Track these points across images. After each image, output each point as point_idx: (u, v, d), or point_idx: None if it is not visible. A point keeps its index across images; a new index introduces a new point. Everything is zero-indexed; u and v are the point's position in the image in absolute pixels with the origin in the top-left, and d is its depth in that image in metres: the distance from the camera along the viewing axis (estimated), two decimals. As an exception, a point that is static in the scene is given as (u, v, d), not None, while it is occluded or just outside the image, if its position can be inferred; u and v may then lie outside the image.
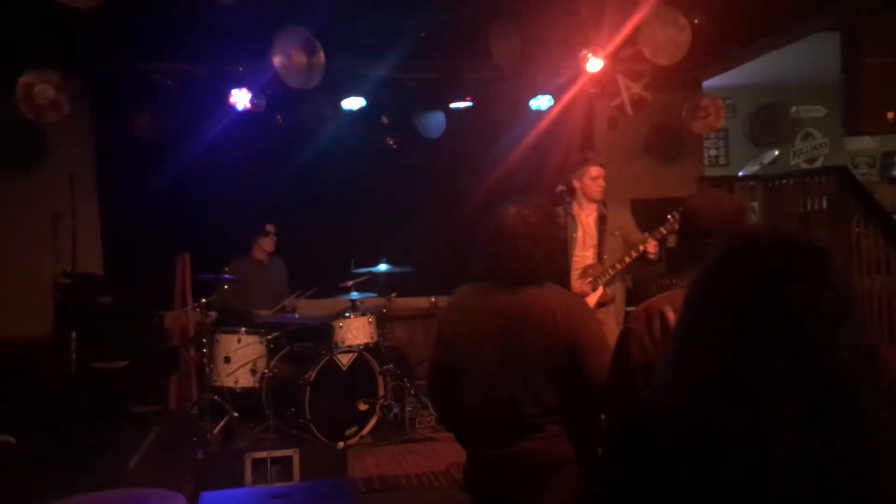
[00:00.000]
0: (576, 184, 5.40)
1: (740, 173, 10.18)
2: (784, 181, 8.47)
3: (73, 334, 6.03)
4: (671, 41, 5.87)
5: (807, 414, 1.03)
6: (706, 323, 1.13)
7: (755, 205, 8.69)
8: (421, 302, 7.94)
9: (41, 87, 6.23)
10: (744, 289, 1.10)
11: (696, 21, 5.95)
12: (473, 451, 2.60)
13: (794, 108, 11.25)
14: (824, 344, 1.05)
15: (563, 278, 3.06)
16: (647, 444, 1.13)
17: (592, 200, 5.39)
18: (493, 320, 2.49)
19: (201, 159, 7.20)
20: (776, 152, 10.70)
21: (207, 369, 6.16)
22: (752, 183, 8.82)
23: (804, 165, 11.01)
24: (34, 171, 7.37)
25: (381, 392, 6.20)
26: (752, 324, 1.07)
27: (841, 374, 1.05)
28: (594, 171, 5.33)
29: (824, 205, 7.74)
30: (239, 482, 3.97)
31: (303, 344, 6.41)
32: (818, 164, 11.01)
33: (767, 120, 11.13)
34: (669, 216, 5.00)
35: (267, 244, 7.01)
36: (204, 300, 6.26)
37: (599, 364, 2.33)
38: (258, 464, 4.08)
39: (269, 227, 7.01)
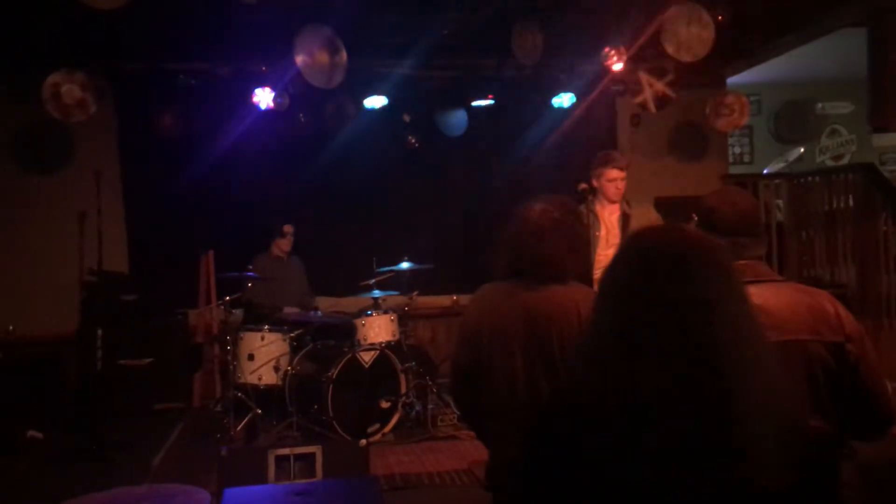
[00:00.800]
0: (595, 183, 5.37)
1: (765, 171, 10.09)
2: (809, 179, 8.38)
3: (99, 332, 6.08)
4: (695, 38, 5.83)
5: (680, 385, 1.26)
6: (611, 308, 1.39)
7: (780, 203, 8.61)
8: (443, 300, 7.95)
9: (68, 87, 6.30)
10: (632, 285, 1.38)
11: (721, 17, 5.90)
12: (496, 450, 2.59)
13: (819, 105, 11.12)
14: (697, 322, 1.30)
15: (586, 276, 3.03)
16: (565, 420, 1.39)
17: (610, 202, 5.35)
18: (518, 319, 2.48)
19: (225, 158, 7.26)
20: (801, 149, 10.59)
21: (231, 367, 6.20)
22: (777, 181, 8.74)
23: (830, 163, 10.89)
24: (61, 169, 7.46)
25: (404, 390, 6.20)
26: (642, 309, 1.33)
27: (713, 351, 1.28)
28: (612, 173, 5.28)
29: (850, 202, 7.65)
30: (262, 479, 3.98)
31: (325, 342, 6.43)
32: (844, 161, 10.88)
33: (793, 117, 11.01)
34: (693, 216, 4.95)
35: (284, 244, 7.02)
36: (228, 298, 6.30)
37: None
38: (281, 461, 4.09)
39: (287, 228, 7.00)
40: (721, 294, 1.35)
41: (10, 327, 7.17)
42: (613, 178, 5.28)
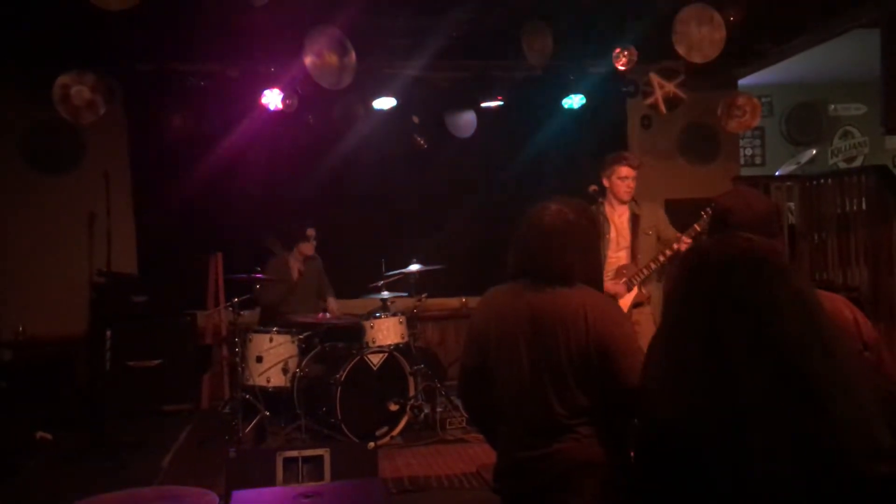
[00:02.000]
0: (606, 182, 5.34)
1: (777, 172, 10.02)
2: (822, 181, 8.31)
3: (108, 333, 6.09)
4: (706, 39, 5.79)
5: (771, 385, 1.29)
6: (685, 322, 1.43)
7: (792, 205, 8.55)
8: (452, 302, 7.93)
9: (77, 89, 6.32)
10: (708, 294, 1.42)
11: (733, 18, 5.85)
12: (504, 452, 2.57)
13: (832, 107, 11.05)
14: (774, 328, 1.34)
15: (596, 280, 2.99)
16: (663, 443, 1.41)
17: (621, 201, 5.32)
18: (525, 320, 2.46)
19: (234, 159, 7.27)
20: (814, 151, 10.51)
21: (240, 368, 6.20)
22: (788, 183, 8.68)
23: (843, 165, 10.81)
24: (71, 170, 7.49)
25: (412, 392, 6.19)
26: (717, 318, 1.37)
27: (792, 350, 1.32)
28: (624, 170, 5.26)
29: (863, 205, 7.59)
30: (270, 481, 3.97)
31: (334, 344, 6.42)
32: (857, 163, 10.81)
33: (805, 118, 10.95)
34: (703, 213, 4.92)
35: (307, 248, 6.86)
36: (236, 299, 6.29)
37: (631, 367, 2.30)
38: (289, 463, 4.07)
39: (310, 232, 6.82)
40: (796, 295, 1.40)
41: (20, 328, 7.19)
42: (625, 177, 5.25)
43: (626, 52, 6.51)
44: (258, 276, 6.37)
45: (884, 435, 1.27)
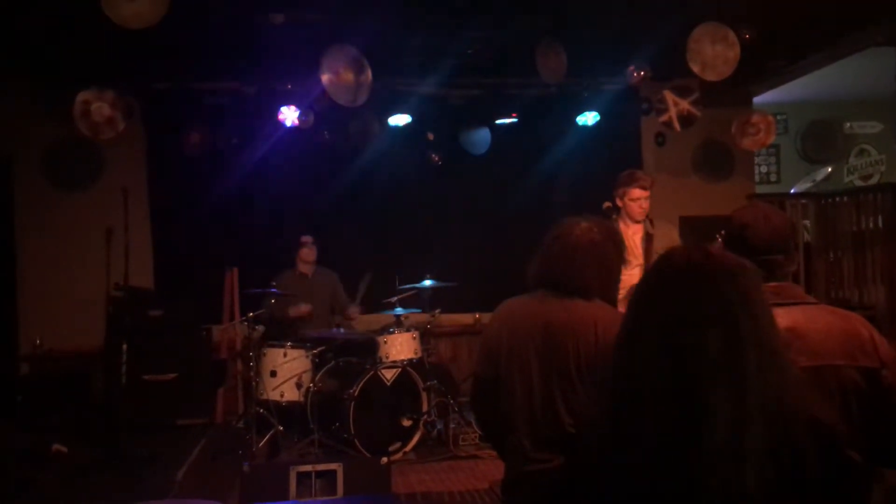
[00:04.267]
0: (619, 203, 5.34)
1: (792, 190, 9.99)
2: (837, 199, 8.29)
3: (124, 346, 6.14)
4: (720, 57, 5.80)
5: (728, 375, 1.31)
6: (649, 328, 1.42)
7: (807, 223, 8.51)
8: (465, 318, 7.94)
9: (98, 105, 6.41)
10: (649, 300, 1.46)
11: (747, 36, 5.86)
12: (511, 465, 2.58)
13: (848, 124, 11.02)
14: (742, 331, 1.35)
15: (611, 302, 3.00)
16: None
17: (634, 221, 5.32)
18: (537, 332, 2.49)
19: (250, 175, 7.34)
20: (829, 169, 10.48)
21: (254, 383, 6.22)
22: (804, 200, 8.65)
23: (858, 183, 10.76)
24: (89, 186, 7.57)
25: (425, 408, 6.19)
26: (686, 327, 1.37)
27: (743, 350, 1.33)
28: (636, 192, 5.26)
29: (879, 223, 7.55)
30: (284, 495, 3.99)
31: (347, 359, 6.43)
32: (873, 181, 10.75)
33: (820, 136, 10.92)
34: (718, 236, 4.91)
35: (307, 255, 7.00)
36: (251, 314, 6.33)
37: None
38: (303, 477, 4.09)
39: (305, 238, 7.00)
40: (737, 311, 1.39)
41: (38, 341, 7.25)
42: (637, 198, 5.25)
43: (640, 71, 6.53)
44: (273, 290, 6.42)
45: (752, 480, 1.26)
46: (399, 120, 7.32)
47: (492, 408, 2.63)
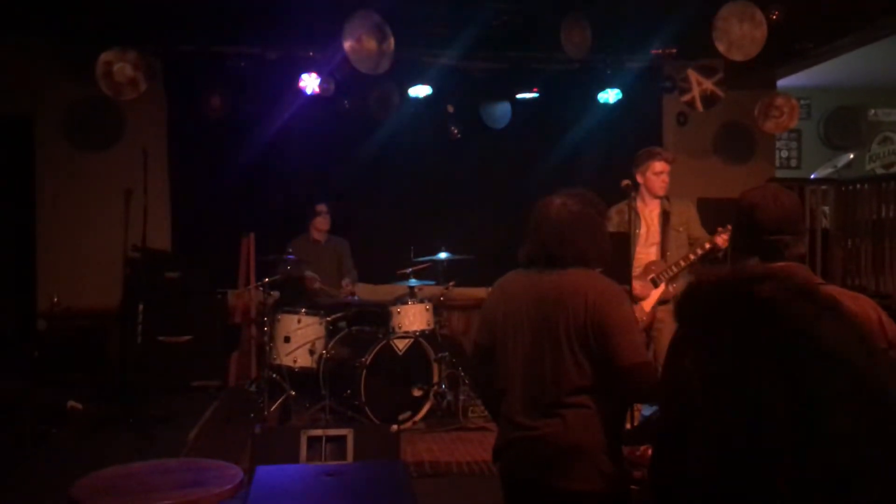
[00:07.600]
0: (639, 178, 5.29)
1: (812, 176, 9.90)
2: (858, 186, 8.20)
3: (141, 307, 6.20)
4: (747, 37, 5.74)
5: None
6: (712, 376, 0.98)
7: (826, 209, 8.45)
8: (479, 292, 7.91)
9: (120, 65, 6.43)
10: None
11: (774, 17, 5.79)
12: (502, 431, 2.67)
13: (872, 111, 10.88)
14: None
15: (623, 272, 3.01)
16: None
17: (654, 196, 5.28)
18: (530, 301, 2.58)
19: (270, 141, 7.35)
20: (851, 156, 10.36)
21: (267, 348, 6.28)
22: (824, 186, 8.57)
23: (880, 170, 10.64)
24: (110, 147, 7.60)
25: (436, 379, 6.22)
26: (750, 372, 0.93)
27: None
28: (658, 165, 5.22)
29: (900, 212, 7.48)
30: (294, 458, 4.03)
31: (361, 327, 6.48)
32: (895, 169, 10.63)
33: (843, 122, 10.79)
34: (719, 228, 4.93)
35: (321, 223, 7.03)
36: (267, 279, 6.38)
37: (625, 345, 2.40)
38: (313, 441, 4.13)
39: (320, 207, 7.02)
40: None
41: (55, 298, 7.33)
42: (660, 171, 5.21)
43: (664, 49, 6.47)
44: (289, 257, 6.46)
45: None
46: (419, 91, 7.29)
47: (487, 374, 2.74)
